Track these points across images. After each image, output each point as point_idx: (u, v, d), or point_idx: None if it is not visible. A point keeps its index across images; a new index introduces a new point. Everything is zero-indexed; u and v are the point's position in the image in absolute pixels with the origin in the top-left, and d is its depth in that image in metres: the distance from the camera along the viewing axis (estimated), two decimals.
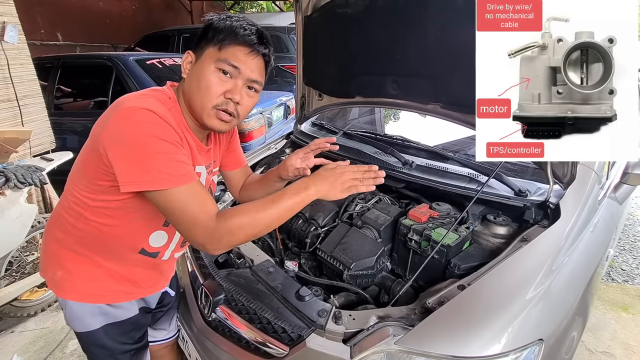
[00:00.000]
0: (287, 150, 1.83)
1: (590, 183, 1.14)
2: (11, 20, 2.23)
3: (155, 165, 0.70)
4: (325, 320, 0.88)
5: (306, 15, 1.52)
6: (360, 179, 0.80)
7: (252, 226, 0.72)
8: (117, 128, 0.72)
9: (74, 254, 0.88)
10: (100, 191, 0.80)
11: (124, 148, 0.71)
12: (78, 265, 0.89)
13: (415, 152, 1.44)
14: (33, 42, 4.85)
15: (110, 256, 0.89)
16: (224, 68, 0.80)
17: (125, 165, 0.71)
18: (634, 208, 3.25)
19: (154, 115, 0.72)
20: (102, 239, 0.86)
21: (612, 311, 2.00)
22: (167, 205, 0.72)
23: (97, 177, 0.78)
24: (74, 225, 0.86)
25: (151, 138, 0.70)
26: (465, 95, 1.19)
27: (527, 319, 0.82)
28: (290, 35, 4.43)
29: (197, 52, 0.83)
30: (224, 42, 0.80)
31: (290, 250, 1.33)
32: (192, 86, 0.82)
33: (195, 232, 0.72)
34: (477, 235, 1.15)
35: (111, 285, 0.91)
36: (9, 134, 2.07)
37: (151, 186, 0.70)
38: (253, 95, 0.86)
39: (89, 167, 0.80)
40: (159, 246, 0.92)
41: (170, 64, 3.45)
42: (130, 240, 0.88)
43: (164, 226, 0.90)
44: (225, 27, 0.80)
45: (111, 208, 0.82)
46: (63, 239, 0.89)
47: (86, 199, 0.82)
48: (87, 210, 0.83)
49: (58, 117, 3.07)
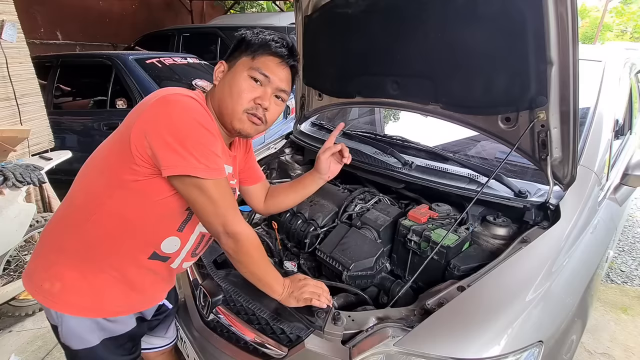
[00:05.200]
0: (286, 150, 1.83)
1: (590, 184, 1.14)
2: (10, 19, 2.22)
3: (196, 153, 0.74)
4: (324, 321, 0.87)
5: (306, 15, 1.52)
6: (318, 294, 0.91)
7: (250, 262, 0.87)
8: (160, 113, 0.74)
9: (76, 263, 0.84)
10: (120, 186, 0.79)
11: (168, 131, 0.73)
12: (80, 276, 0.84)
13: (415, 153, 1.43)
14: (32, 41, 4.83)
15: (118, 261, 0.86)
16: (255, 76, 0.86)
17: (167, 148, 0.73)
18: (633, 209, 3.25)
19: (197, 104, 0.78)
20: (113, 240, 0.84)
21: (612, 312, 2.00)
22: (196, 193, 0.77)
23: (122, 171, 0.78)
24: (82, 227, 0.83)
25: (196, 124, 0.75)
26: (465, 96, 1.19)
27: (526, 320, 0.82)
28: (291, 35, 4.39)
29: (229, 62, 0.89)
30: (256, 52, 0.86)
31: (289, 250, 1.32)
32: (224, 92, 0.87)
33: (215, 222, 0.80)
34: (477, 237, 1.15)
35: (112, 298, 0.88)
36: (8, 132, 2.07)
37: (191, 171, 0.74)
38: (280, 103, 0.92)
39: (112, 162, 0.80)
40: (171, 252, 0.91)
41: (170, 63, 3.44)
42: (142, 243, 0.86)
43: (178, 231, 0.88)
44: (259, 39, 0.87)
45: (128, 207, 0.81)
46: (66, 247, 0.85)
47: (101, 198, 0.81)
48: (102, 208, 0.81)
49: (57, 116, 3.07)
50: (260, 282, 0.91)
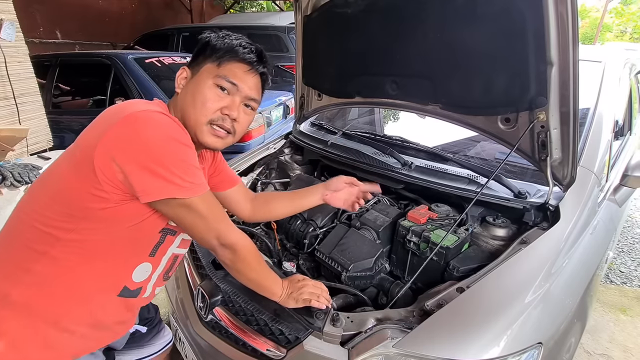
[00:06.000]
0: (285, 150, 1.82)
1: (590, 185, 1.14)
2: (9, 18, 2.22)
3: (178, 171, 0.67)
4: (323, 322, 0.87)
5: (306, 14, 1.51)
6: (317, 295, 0.90)
7: (248, 270, 0.84)
8: (129, 134, 0.65)
9: (25, 314, 0.70)
10: (83, 217, 0.69)
11: (142, 153, 0.65)
12: (31, 329, 0.70)
13: (414, 153, 1.43)
14: (31, 40, 4.83)
15: (81, 304, 0.74)
16: (221, 84, 0.79)
17: (144, 172, 0.65)
18: (632, 210, 3.25)
19: (166, 118, 0.70)
20: (75, 282, 0.72)
21: (611, 313, 2.00)
22: (184, 212, 0.72)
23: (85, 199, 0.68)
24: (30, 271, 0.69)
25: (172, 141, 0.68)
26: (465, 96, 1.19)
27: (526, 322, 0.81)
28: (290, 35, 4.42)
29: (193, 68, 0.82)
30: (222, 59, 0.79)
31: (288, 250, 1.32)
32: (186, 101, 0.79)
33: (209, 237, 0.76)
34: (477, 237, 1.15)
35: (73, 342, 0.75)
36: (6, 132, 2.06)
37: (177, 193, 0.68)
38: (250, 113, 0.86)
39: (69, 189, 0.69)
40: (142, 280, 0.82)
41: (169, 62, 3.44)
42: (111, 279, 0.77)
43: (150, 256, 0.81)
44: (225, 44, 0.80)
45: (92, 240, 0.71)
46: (10, 294, 0.69)
47: (59, 231, 0.69)
48: (57, 245, 0.69)
49: (56, 116, 3.06)
50: (259, 287, 0.89)
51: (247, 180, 1.62)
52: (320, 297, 0.91)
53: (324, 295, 0.92)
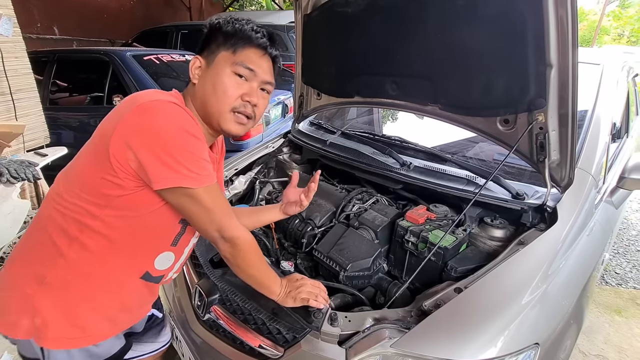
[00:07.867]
0: (284, 149, 1.82)
1: (588, 187, 1.15)
2: (6, 13, 2.19)
3: (186, 162, 0.70)
4: (321, 322, 0.87)
5: (306, 13, 1.51)
6: (315, 294, 0.91)
7: (248, 266, 0.84)
8: (143, 122, 0.68)
9: (58, 295, 0.76)
10: (105, 204, 0.73)
11: (154, 141, 0.68)
12: (64, 308, 0.77)
13: (413, 154, 1.43)
14: (29, 36, 4.80)
15: (106, 287, 0.80)
16: (239, 72, 0.80)
17: (156, 159, 0.68)
18: (628, 212, 3.27)
19: (179, 109, 0.72)
20: (101, 266, 0.78)
21: (606, 314, 2.01)
22: (189, 203, 0.73)
23: (103, 187, 0.72)
24: (63, 256, 0.75)
25: (182, 132, 0.70)
26: (464, 97, 1.19)
27: (523, 322, 0.82)
28: (290, 34, 4.41)
29: (206, 57, 0.82)
30: (236, 45, 0.80)
31: (286, 250, 1.32)
32: (206, 91, 0.81)
33: (211, 229, 0.77)
34: (474, 238, 1.15)
35: (99, 323, 0.82)
36: (2, 128, 2.05)
37: (183, 182, 0.70)
38: (266, 96, 0.88)
39: (90, 178, 0.73)
40: (164, 268, 0.87)
41: (167, 60, 3.42)
42: (134, 263, 0.82)
43: (172, 245, 0.85)
44: (237, 30, 0.81)
45: (116, 225, 0.75)
46: (45, 276, 0.76)
47: (85, 217, 0.74)
48: (85, 231, 0.74)
49: (53, 112, 3.03)
50: (258, 285, 0.89)
51: (245, 178, 1.61)
52: (318, 296, 0.91)
53: (322, 295, 0.92)
